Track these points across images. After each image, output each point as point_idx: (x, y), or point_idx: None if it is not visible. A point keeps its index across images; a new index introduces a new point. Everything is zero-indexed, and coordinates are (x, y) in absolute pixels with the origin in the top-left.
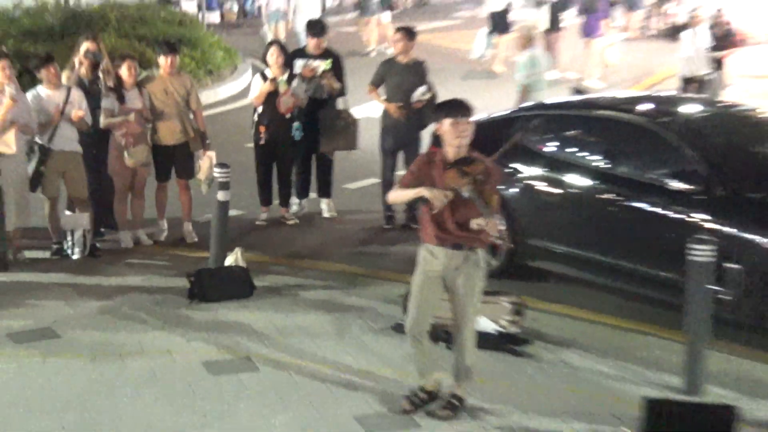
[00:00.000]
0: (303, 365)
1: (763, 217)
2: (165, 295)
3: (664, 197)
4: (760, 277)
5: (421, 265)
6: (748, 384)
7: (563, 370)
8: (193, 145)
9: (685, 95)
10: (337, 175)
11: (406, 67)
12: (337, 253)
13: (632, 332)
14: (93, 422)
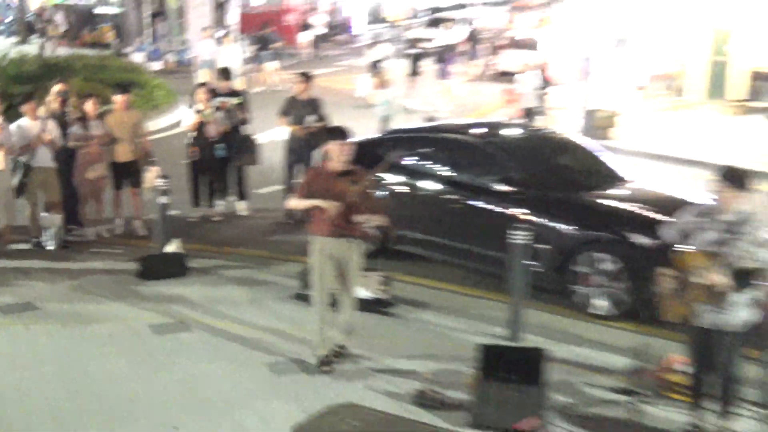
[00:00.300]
0: (226, 326)
1: (562, 210)
2: (120, 275)
3: (491, 197)
4: (560, 253)
5: (317, 251)
6: (554, 332)
7: (419, 325)
8: (141, 162)
9: (505, 121)
10: (251, 183)
11: (304, 102)
12: (251, 241)
13: (470, 296)
14: (65, 373)
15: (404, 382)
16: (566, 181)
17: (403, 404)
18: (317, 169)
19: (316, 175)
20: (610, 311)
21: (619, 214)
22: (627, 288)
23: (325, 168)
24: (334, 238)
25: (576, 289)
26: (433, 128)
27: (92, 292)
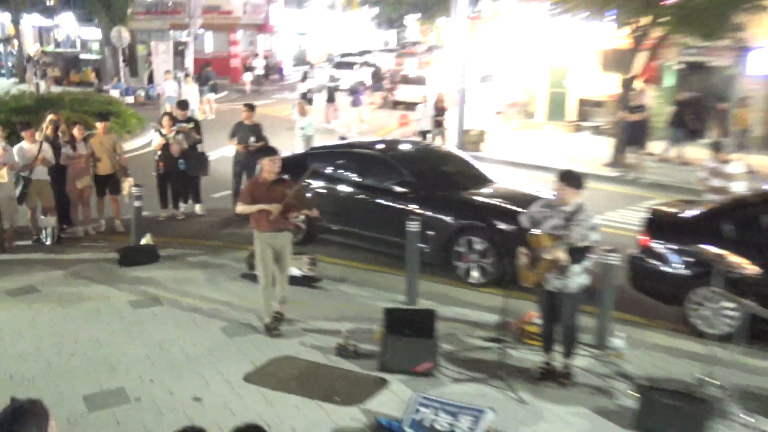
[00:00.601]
0: (189, 301)
1: (444, 205)
2: (104, 263)
3: (393, 196)
4: (444, 237)
5: (260, 243)
6: (441, 297)
7: (339, 295)
8: (118, 174)
9: (401, 139)
10: (206, 189)
11: (249, 126)
12: (207, 234)
13: (377, 272)
14: (60, 340)
15: (328, 339)
16: (447, 183)
17: (328, 355)
18: (255, 180)
19: (255, 185)
20: (482, 280)
21: (487, 207)
22: (493, 262)
23: (262, 178)
24: (272, 232)
25: (456, 264)
26: (347, 145)
27: (82, 277)
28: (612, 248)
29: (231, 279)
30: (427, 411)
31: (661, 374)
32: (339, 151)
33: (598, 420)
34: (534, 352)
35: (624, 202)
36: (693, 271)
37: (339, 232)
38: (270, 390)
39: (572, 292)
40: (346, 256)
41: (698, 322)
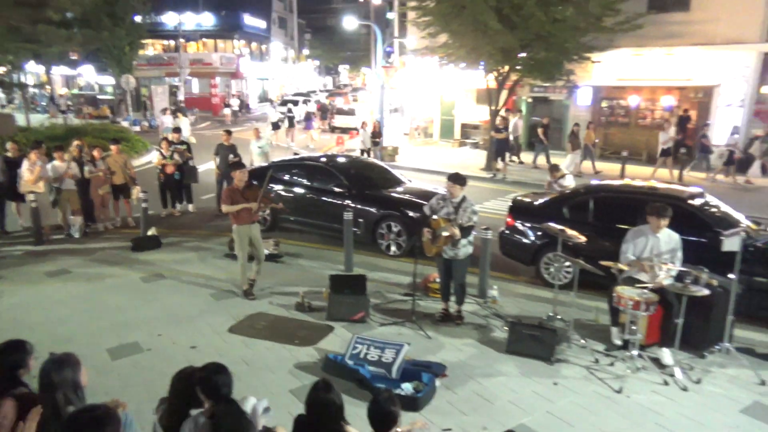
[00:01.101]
0: (186, 275)
1: (370, 200)
2: (120, 250)
3: (333, 195)
4: (371, 223)
5: (238, 234)
6: (370, 266)
7: (297, 267)
8: (129, 183)
9: (338, 154)
10: (197, 193)
11: (227, 146)
12: (198, 226)
13: (324, 249)
14: (89, 308)
15: (289, 299)
16: (372, 185)
17: (290, 310)
18: (231, 187)
19: (232, 191)
20: (398, 253)
21: (400, 201)
22: (405, 240)
23: (235, 185)
24: (248, 225)
25: (380, 242)
26: (299, 159)
27: (104, 261)
28: (487, 227)
29: (216, 258)
30: (362, 347)
31: (523, 314)
32: (294, 163)
33: (482, 347)
34: (436, 302)
35: (495, 195)
36: (543, 241)
37: (295, 222)
38: (248, 337)
39: (461, 258)
40: (301, 239)
41: (547, 277)
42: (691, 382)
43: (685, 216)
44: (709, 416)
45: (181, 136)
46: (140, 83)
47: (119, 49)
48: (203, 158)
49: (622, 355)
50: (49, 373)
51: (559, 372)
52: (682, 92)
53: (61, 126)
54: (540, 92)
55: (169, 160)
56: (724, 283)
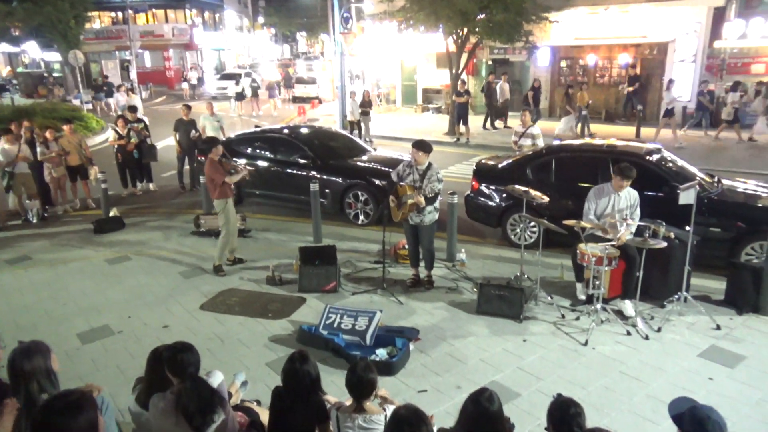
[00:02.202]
0: (152, 255)
1: (336, 171)
2: (82, 233)
3: (298, 166)
4: (337, 194)
5: (229, 207)
6: (339, 236)
7: (265, 241)
8: (85, 164)
9: (300, 124)
10: (157, 171)
11: (187, 122)
12: (161, 204)
13: (292, 222)
14: (55, 294)
15: (260, 273)
16: (337, 155)
17: (261, 284)
18: (211, 161)
19: (215, 164)
20: (365, 221)
21: (366, 169)
22: (372, 208)
23: (213, 160)
24: (231, 198)
25: (347, 212)
26: (261, 131)
27: (65, 245)
28: (453, 191)
29: (183, 236)
30: (335, 316)
31: (491, 274)
32: (256, 136)
33: (452, 310)
34: (406, 269)
35: (459, 159)
36: (508, 203)
37: (261, 195)
38: (220, 314)
39: (427, 224)
40: (268, 212)
41: (513, 238)
42: (652, 331)
43: (643, 172)
44: (669, 362)
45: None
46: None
47: (64, 23)
48: (161, 135)
49: (587, 310)
50: (19, 362)
51: (527, 329)
52: (638, 49)
53: (8, 107)
54: (500, 54)
55: (126, 138)
56: (681, 235)
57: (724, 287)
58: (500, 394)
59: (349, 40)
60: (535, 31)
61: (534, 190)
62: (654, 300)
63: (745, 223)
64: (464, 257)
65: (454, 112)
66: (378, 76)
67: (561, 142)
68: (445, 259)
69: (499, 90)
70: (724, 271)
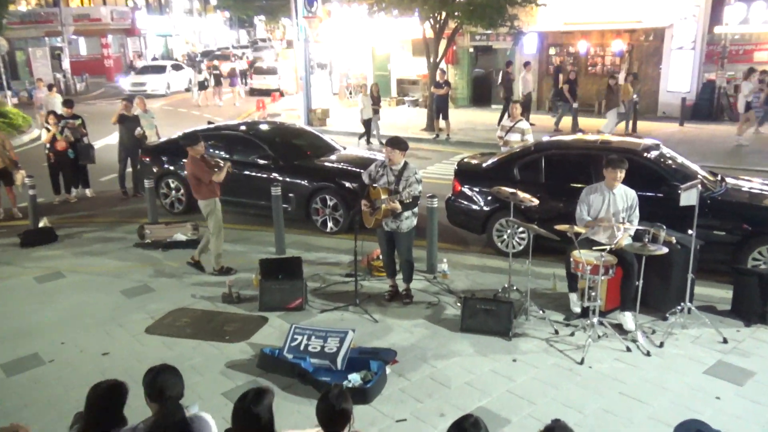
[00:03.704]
0: (90, 271)
1: (300, 172)
2: (8, 247)
3: (257, 168)
4: (303, 198)
5: (216, 207)
6: (305, 246)
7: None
8: (10, 168)
9: (261, 120)
10: (95, 174)
11: (131, 118)
12: (99, 213)
13: (252, 231)
14: None
15: (215, 289)
16: (301, 154)
17: (216, 303)
18: (193, 159)
19: (198, 162)
20: (335, 229)
21: (335, 170)
22: (342, 214)
23: (196, 158)
24: (218, 198)
25: (315, 218)
26: (215, 128)
27: None
28: (433, 194)
29: (125, 249)
30: (302, 338)
31: (477, 287)
32: (209, 133)
33: (434, 327)
34: (381, 282)
35: (439, 158)
36: (493, 207)
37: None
38: (169, 337)
39: (405, 232)
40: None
41: (500, 245)
42: (653, 347)
43: (640, 170)
44: (672, 380)
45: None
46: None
47: None
48: (99, 134)
49: (583, 324)
50: None
51: (517, 347)
52: (632, 35)
53: None
54: (482, 41)
55: (58, 135)
56: (683, 239)
57: (730, 296)
58: (488, 421)
59: (313, 24)
60: (521, 15)
61: (522, 191)
62: (655, 312)
63: (752, 225)
64: (446, 268)
65: (433, 106)
66: (347, 66)
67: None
68: (425, 270)
69: (522, 81)
70: (730, 278)
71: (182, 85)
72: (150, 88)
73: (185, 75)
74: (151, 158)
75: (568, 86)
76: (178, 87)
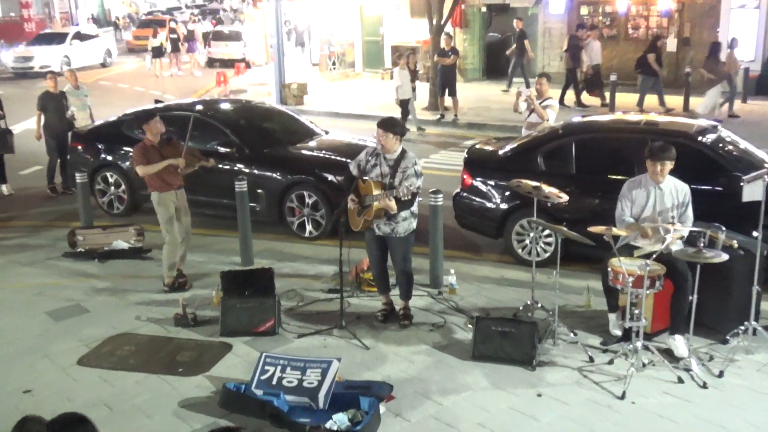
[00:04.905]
0: (10, 287)
1: (272, 163)
2: None
3: (218, 157)
4: (276, 196)
5: (164, 204)
6: (278, 256)
7: None
8: None
9: (222, 98)
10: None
11: (56, 96)
12: (20, 215)
13: (211, 236)
14: None
15: (165, 310)
16: (273, 140)
17: (166, 326)
18: (143, 145)
19: (145, 149)
20: (315, 233)
21: (315, 160)
22: (323, 214)
23: (148, 141)
24: (175, 191)
25: (290, 220)
26: (164, 108)
27: None
28: (437, 190)
29: (53, 259)
30: (274, 369)
31: (492, 304)
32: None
33: (439, 355)
34: (373, 298)
35: (445, 144)
36: (512, 204)
37: None
38: (107, 370)
39: (401, 236)
40: None
41: (521, 252)
42: (711, 377)
43: (694, 158)
44: (734, 418)
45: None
46: None
47: None
48: (18, 116)
49: (624, 349)
50: None
51: (543, 379)
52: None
53: None
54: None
55: None
56: (746, 244)
57: None
58: None
59: None
60: None
61: (548, 185)
62: (713, 333)
63: None
64: (454, 281)
65: (437, 79)
66: (329, 31)
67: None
68: (428, 284)
69: (590, 50)
70: None
71: (94, 58)
72: (38, 64)
73: (99, 45)
74: (85, 146)
75: (654, 55)
76: (85, 61)
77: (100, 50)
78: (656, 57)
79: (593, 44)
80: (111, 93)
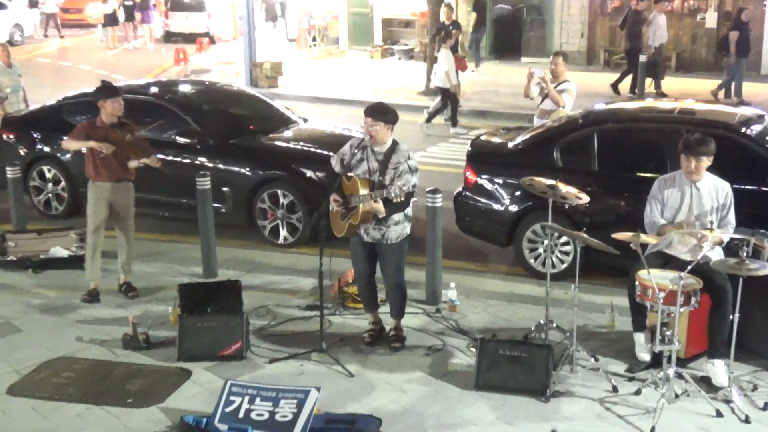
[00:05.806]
0: None
1: (240, 155)
2: None
3: (176, 149)
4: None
5: (94, 194)
6: (244, 265)
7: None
8: None
9: (182, 79)
10: None
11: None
12: None
13: (166, 242)
14: None
15: (112, 330)
16: (242, 129)
17: (113, 349)
18: (92, 122)
19: (92, 127)
20: (291, 239)
21: (291, 153)
22: (300, 217)
23: (100, 121)
24: (111, 182)
25: (261, 224)
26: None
27: None
28: (435, 189)
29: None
30: (241, 400)
31: (499, 324)
32: None
33: (436, 383)
34: (359, 317)
35: (444, 135)
36: (524, 206)
37: None
38: (43, 401)
39: (393, 242)
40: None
41: (533, 262)
42: (754, 409)
43: (737, 153)
44: None
45: None
46: None
47: None
48: None
49: (653, 377)
50: None
51: (558, 411)
52: None
53: None
54: None
55: None
56: None
57: None
58: None
59: None
60: None
61: (565, 183)
62: (757, 358)
63: None
64: (455, 296)
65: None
66: (309, 2)
67: None
68: (424, 300)
69: (655, 27)
70: None
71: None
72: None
73: (4, 18)
74: (17, 135)
75: (737, 33)
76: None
77: (5, 24)
78: (741, 38)
79: (658, 19)
80: (50, 72)
